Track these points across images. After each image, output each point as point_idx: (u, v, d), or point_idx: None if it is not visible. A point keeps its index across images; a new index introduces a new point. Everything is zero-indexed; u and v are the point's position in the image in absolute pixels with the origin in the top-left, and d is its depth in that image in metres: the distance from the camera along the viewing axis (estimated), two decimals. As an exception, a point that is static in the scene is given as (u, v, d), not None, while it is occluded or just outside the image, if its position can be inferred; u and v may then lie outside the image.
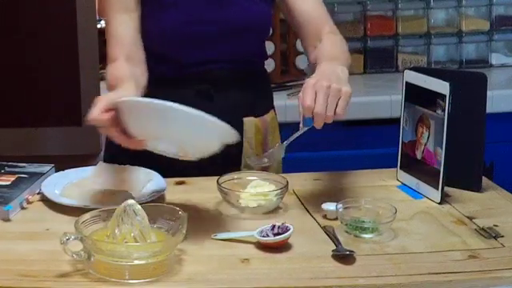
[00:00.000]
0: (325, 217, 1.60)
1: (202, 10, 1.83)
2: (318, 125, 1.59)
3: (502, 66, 3.24)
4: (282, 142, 1.70)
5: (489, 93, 1.73)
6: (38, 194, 1.71)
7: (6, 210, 1.57)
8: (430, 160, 1.69)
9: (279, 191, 1.64)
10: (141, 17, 1.82)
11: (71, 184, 1.70)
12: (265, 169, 1.80)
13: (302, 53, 3.00)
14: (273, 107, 2.01)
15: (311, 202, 1.68)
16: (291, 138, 1.65)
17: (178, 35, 1.83)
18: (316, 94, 1.57)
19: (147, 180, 1.74)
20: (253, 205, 1.62)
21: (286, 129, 1.85)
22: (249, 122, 1.90)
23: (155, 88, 1.81)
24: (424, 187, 1.71)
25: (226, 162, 1.79)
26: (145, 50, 1.83)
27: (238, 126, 1.86)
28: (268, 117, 1.96)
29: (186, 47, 1.84)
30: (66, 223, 1.48)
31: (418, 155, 1.72)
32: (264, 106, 1.97)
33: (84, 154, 2.58)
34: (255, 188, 1.65)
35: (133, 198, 1.52)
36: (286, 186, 1.65)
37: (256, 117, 1.92)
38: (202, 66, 1.86)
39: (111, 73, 1.73)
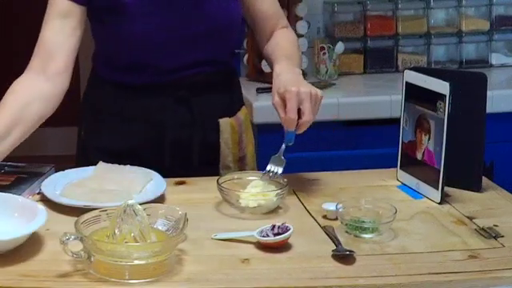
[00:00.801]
0: (325, 217, 1.60)
1: (173, 14, 1.79)
2: (302, 131, 1.66)
3: (502, 66, 3.23)
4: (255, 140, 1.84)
5: (489, 93, 1.73)
6: (37, 193, 1.71)
7: (6, 210, 1.57)
8: (430, 160, 1.69)
9: (279, 191, 1.64)
10: (113, 26, 1.80)
11: (71, 184, 1.70)
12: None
13: (301, 53, 2.99)
14: (243, 103, 2.01)
15: (311, 202, 1.68)
16: (281, 150, 1.69)
17: (152, 43, 1.80)
18: (301, 102, 1.64)
19: (147, 180, 1.74)
20: (253, 205, 1.62)
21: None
22: (224, 122, 1.90)
23: (132, 94, 1.81)
24: (424, 187, 1.71)
25: (202, 163, 1.81)
26: (121, 58, 1.82)
27: (215, 128, 1.87)
28: (241, 114, 1.96)
29: (161, 54, 1.82)
30: (66, 223, 1.48)
31: (419, 155, 1.72)
32: (236, 103, 1.97)
33: (84, 154, 2.57)
34: (255, 188, 1.65)
35: (133, 198, 1.52)
36: (287, 186, 1.65)
37: (230, 116, 1.92)
38: (178, 72, 1.84)
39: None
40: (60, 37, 1.79)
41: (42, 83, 1.77)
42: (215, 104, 1.88)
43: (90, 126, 1.92)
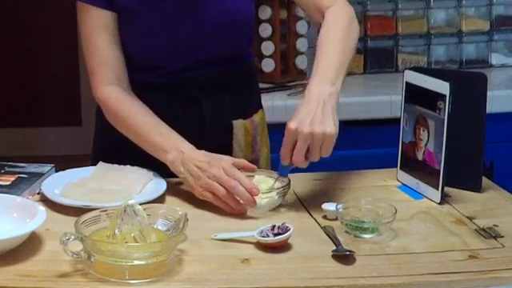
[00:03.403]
0: (325, 217, 1.60)
1: (182, 14, 1.80)
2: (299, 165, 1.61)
3: (502, 66, 3.23)
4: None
5: (489, 93, 1.73)
6: (37, 193, 1.71)
7: (6, 210, 1.57)
8: (430, 160, 1.69)
9: (281, 189, 1.64)
10: (123, 29, 1.81)
11: (71, 184, 1.70)
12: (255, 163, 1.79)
13: (302, 53, 3.00)
14: (261, 106, 2.00)
15: (311, 202, 1.68)
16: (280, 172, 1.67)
17: (162, 43, 1.81)
18: (312, 145, 1.56)
19: (147, 180, 1.74)
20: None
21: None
22: (238, 124, 1.89)
23: (143, 94, 1.81)
24: (424, 187, 1.71)
25: None
26: (130, 59, 1.83)
27: (228, 129, 1.86)
28: (257, 117, 1.94)
29: (171, 54, 1.82)
30: (66, 223, 1.48)
31: (419, 156, 1.72)
32: (252, 106, 1.95)
33: (84, 154, 2.57)
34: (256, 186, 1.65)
35: (133, 198, 1.52)
36: (288, 184, 1.65)
37: (245, 118, 1.91)
38: (187, 71, 1.84)
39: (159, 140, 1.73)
40: (114, 46, 1.80)
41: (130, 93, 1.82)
42: (227, 104, 1.87)
43: (103, 124, 1.93)
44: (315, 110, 1.59)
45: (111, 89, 1.80)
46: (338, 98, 1.64)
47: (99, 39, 1.79)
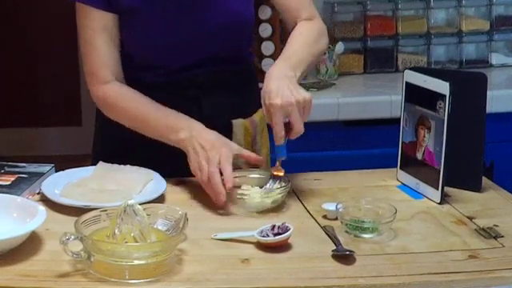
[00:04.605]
0: (325, 217, 1.60)
1: (182, 14, 1.80)
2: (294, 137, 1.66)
3: (502, 66, 3.23)
4: (271, 141, 1.75)
5: (489, 93, 1.73)
6: (37, 193, 1.71)
7: (6, 210, 1.57)
8: (430, 160, 1.69)
9: (282, 189, 1.64)
10: (123, 29, 1.81)
11: (71, 184, 1.70)
12: (256, 166, 1.80)
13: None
14: (261, 106, 2.00)
15: (311, 202, 1.68)
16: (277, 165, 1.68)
17: (162, 43, 1.81)
18: (289, 114, 1.62)
19: (147, 180, 1.74)
20: (255, 202, 1.61)
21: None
22: (238, 123, 1.89)
23: (143, 94, 1.81)
24: (424, 187, 1.71)
25: None
26: (131, 59, 1.83)
27: (228, 129, 1.86)
28: (256, 116, 1.94)
29: (171, 54, 1.83)
30: (66, 223, 1.48)
31: (419, 156, 1.72)
32: (252, 105, 1.96)
33: (84, 154, 2.58)
34: (256, 186, 1.66)
35: (133, 198, 1.52)
36: (289, 183, 1.65)
37: (245, 117, 1.91)
38: (187, 71, 1.84)
39: (164, 122, 1.76)
40: (112, 48, 1.81)
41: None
42: (226, 104, 1.88)
43: (103, 124, 1.93)
44: (284, 84, 1.66)
45: (110, 85, 1.81)
46: (297, 76, 1.72)
47: (98, 41, 1.79)
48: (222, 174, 1.63)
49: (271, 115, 1.64)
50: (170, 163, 1.75)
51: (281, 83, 1.66)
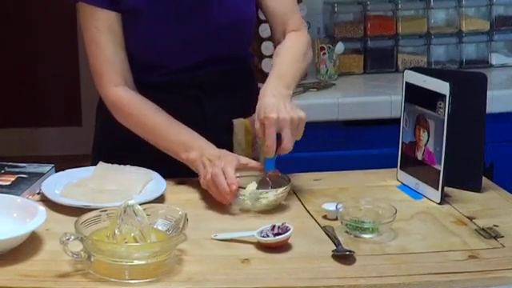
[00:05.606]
0: (325, 217, 1.60)
1: (184, 15, 1.80)
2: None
3: (502, 66, 3.23)
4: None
5: (489, 93, 1.73)
6: (37, 193, 1.71)
7: (6, 210, 1.57)
8: (430, 160, 1.69)
9: (282, 189, 1.64)
10: (125, 30, 1.81)
11: (71, 184, 1.70)
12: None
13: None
14: None
15: (311, 202, 1.68)
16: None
17: (164, 43, 1.81)
18: (281, 129, 1.64)
19: (147, 180, 1.74)
20: (254, 203, 1.62)
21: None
22: (238, 123, 1.89)
23: (145, 93, 1.81)
24: (424, 187, 1.71)
25: None
26: (131, 58, 1.83)
27: (228, 128, 1.86)
28: None
29: (173, 54, 1.83)
30: (66, 223, 1.48)
31: (419, 156, 1.72)
32: (252, 105, 1.96)
33: (84, 154, 2.58)
34: (256, 186, 1.66)
35: (133, 198, 1.52)
36: (289, 184, 1.65)
37: (245, 117, 1.91)
38: (189, 71, 1.85)
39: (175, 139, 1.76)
40: (118, 48, 1.81)
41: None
42: (228, 103, 1.88)
43: (103, 124, 1.92)
44: (281, 101, 1.68)
45: (121, 89, 1.80)
46: (290, 94, 1.75)
47: (104, 40, 1.79)
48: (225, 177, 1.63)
49: (265, 128, 1.65)
50: (170, 163, 1.75)
51: (277, 100, 1.68)
